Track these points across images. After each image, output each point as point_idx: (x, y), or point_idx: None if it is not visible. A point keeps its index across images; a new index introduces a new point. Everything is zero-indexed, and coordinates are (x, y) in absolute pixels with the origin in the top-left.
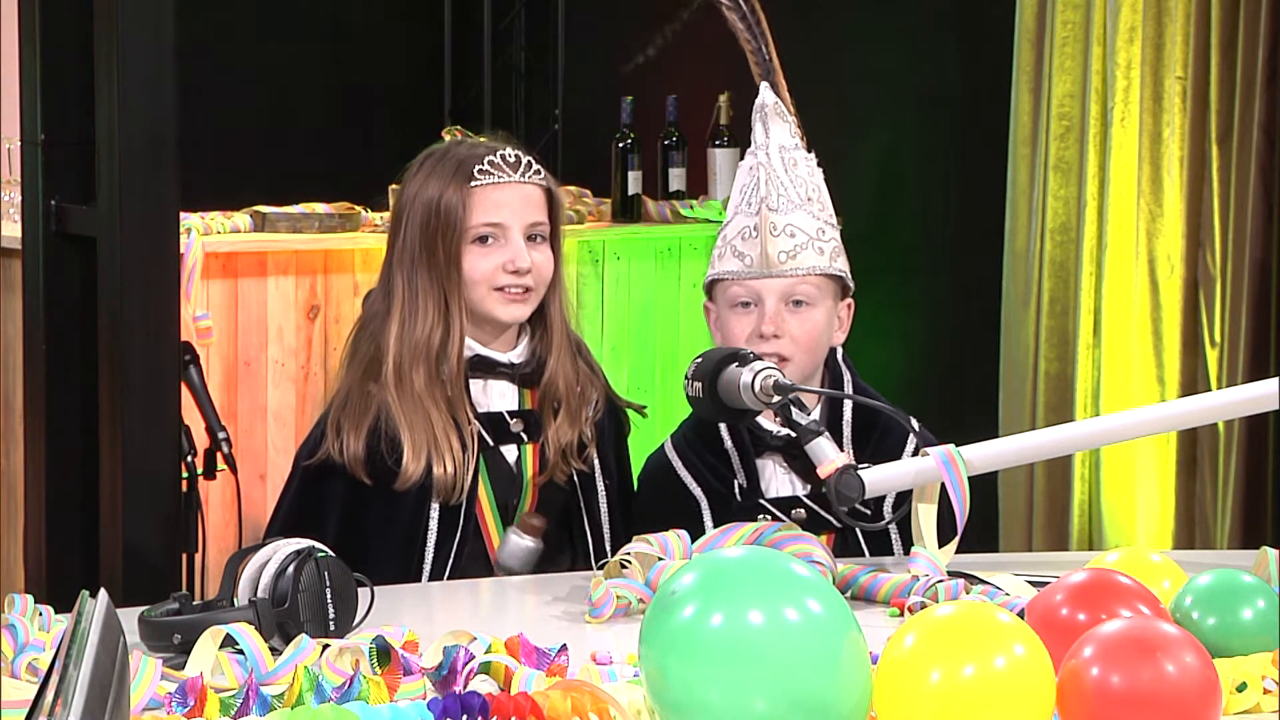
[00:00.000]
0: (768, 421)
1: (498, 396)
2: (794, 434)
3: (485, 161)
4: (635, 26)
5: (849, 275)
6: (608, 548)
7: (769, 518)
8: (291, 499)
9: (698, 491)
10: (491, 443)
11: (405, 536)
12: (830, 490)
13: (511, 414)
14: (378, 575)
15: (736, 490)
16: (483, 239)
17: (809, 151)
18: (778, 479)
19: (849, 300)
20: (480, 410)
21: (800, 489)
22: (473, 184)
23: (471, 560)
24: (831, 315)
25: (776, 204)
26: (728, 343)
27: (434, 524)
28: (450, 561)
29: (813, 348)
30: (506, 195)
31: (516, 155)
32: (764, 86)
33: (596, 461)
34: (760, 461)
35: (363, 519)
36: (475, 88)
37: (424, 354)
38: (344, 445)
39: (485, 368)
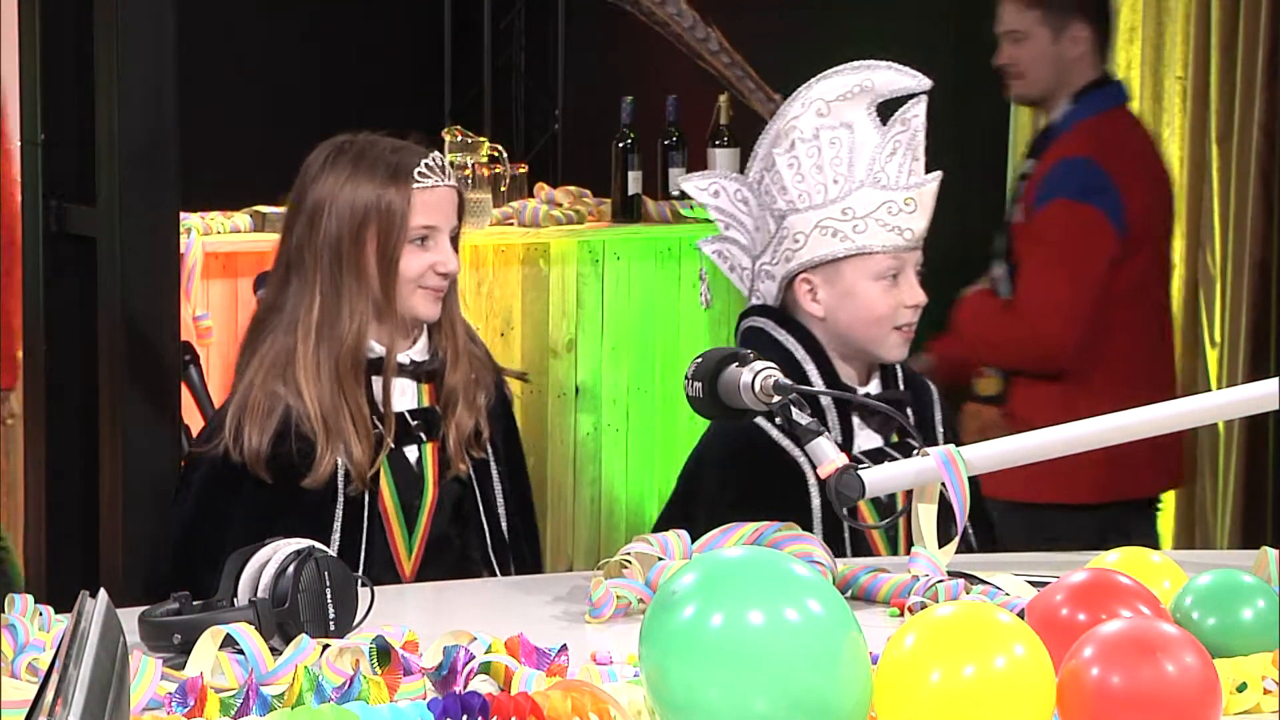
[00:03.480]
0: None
1: (397, 395)
2: (795, 434)
3: (424, 165)
4: (634, 26)
5: None
6: (504, 530)
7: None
8: (193, 503)
9: (800, 457)
10: (394, 444)
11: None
12: (830, 490)
13: (412, 414)
14: None
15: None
16: (418, 239)
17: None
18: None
19: None
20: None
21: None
22: (414, 185)
23: (383, 568)
24: None
25: (923, 177)
26: (869, 314)
27: (338, 523)
28: (361, 564)
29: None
30: (439, 198)
31: (440, 158)
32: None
33: (489, 447)
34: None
35: (266, 519)
36: (475, 88)
37: (344, 353)
38: (245, 445)
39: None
